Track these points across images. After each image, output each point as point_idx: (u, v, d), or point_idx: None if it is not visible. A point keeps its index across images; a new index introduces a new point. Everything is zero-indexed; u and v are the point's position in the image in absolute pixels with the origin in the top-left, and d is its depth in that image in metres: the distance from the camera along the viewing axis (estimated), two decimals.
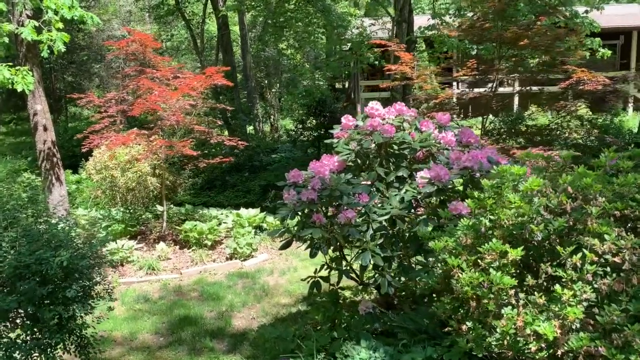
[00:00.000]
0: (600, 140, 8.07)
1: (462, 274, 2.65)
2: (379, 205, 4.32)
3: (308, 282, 4.81)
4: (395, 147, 4.68)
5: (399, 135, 4.51)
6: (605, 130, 8.74)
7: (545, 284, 2.63)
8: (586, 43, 10.34)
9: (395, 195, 4.26)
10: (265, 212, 9.69)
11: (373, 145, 4.61)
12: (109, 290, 3.81)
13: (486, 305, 2.58)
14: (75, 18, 7.89)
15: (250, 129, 18.71)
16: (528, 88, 9.30)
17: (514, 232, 2.66)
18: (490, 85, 10.14)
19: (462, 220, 2.90)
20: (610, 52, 10.82)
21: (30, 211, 3.58)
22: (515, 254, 2.55)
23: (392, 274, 4.26)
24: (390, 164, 4.70)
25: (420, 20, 14.98)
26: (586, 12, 10.98)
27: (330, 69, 14.21)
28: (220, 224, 8.97)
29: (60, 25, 7.65)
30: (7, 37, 7.81)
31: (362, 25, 15.31)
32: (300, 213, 4.40)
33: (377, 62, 14.53)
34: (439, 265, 2.92)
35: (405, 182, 4.42)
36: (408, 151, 4.56)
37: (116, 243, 7.95)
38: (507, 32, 7.31)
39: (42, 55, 7.61)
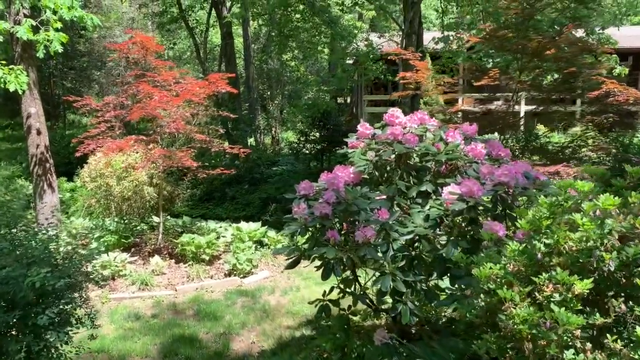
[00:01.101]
0: (622, 159, 7.64)
1: (514, 308, 2.20)
2: (398, 222, 3.87)
3: (316, 305, 4.34)
4: (417, 158, 4.26)
5: (423, 145, 4.09)
6: (625, 149, 8.35)
7: (615, 323, 2.19)
8: (603, 61, 10.05)
9: (419, 212, 3.82)
10: (266, 227, 9.23)
11: (393, 156, 4.19)
12: (91, 315, 3.26)
13: (546, 348, 2.13)
14: (75, 19, 7.61)
15: (251, 140, 18.30)
16: (544, 106, 8.92)
17: (580, 260, 2.22)
18: (498, 102, 9.84)
19: (510, 244, 2.45)
20: (627, 69, 10.47)
21: (5, 219, 3.08)
22: (582, 286, 2.11)
23: (413, 301, 3.79)
24: (411, 177, 4.27)
25: (427, 36, 14.66)
26: (602, 28, 10.71)
27: (336, 82, 13.89)
28: (218, 237, 8.51)
29: (59, 25, 7.36)
30: (1, 37, 7.44)
31: (368, 39, 15.02)
32: (311, 229, 3.95)
33: (383, 76, 14.23)
34: (482, 296, 2.47)
35: (429, 198, 3.98)
36: (432, 163, 4.14)
37: (108, 255, 7.48)
38: (531, 42, 6.94)
39: (37, 55, 7.27)
